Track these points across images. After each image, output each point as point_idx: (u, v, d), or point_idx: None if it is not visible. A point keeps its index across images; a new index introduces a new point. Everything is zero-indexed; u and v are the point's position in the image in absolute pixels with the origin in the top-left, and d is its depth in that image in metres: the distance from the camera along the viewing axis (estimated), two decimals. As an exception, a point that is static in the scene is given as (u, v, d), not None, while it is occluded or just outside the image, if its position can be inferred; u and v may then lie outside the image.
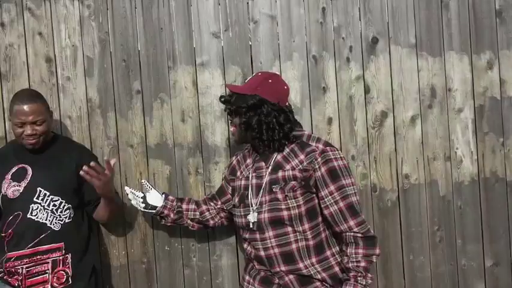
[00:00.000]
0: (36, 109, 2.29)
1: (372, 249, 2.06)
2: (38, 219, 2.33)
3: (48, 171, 2.37)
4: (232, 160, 2.40)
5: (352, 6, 2.68)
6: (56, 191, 2.35)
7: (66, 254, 2.37)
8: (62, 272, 2.34)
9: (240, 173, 2.29)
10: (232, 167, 2.37)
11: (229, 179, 2.36)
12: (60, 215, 2.37)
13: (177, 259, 2.73)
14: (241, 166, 2.30)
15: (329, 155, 2.09)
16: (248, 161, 2.27)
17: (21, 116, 2.26)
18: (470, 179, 2.72)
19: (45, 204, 2.34)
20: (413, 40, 2.68)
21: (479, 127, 2.71)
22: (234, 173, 2.33)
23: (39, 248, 2.33)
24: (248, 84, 2.17)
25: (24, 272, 2.32)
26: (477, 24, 2.69)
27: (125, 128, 2.69)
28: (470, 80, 2.70)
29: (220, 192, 2.45)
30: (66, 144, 2.50)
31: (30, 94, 2.38)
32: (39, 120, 2.30)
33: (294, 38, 2.67)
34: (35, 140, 2.31)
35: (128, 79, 2.68)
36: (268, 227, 2.13)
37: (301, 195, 2.10)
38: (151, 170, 2.71)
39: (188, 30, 2.68)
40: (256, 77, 2.18)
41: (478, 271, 2.74)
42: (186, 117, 2.69)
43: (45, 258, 2.34)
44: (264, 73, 2.25)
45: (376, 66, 2.69)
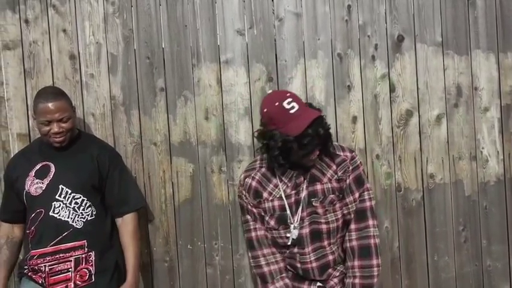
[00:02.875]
0: (61, 106, 2.39)
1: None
2: (60, 217, 2.41)
3: (70, 168, 2.45)
4: (248, 183, 2.32)
5: (377, 3, 2.76)
6: (78, 189, 2.44)
7: (89, 251, 2.45)
8: (85, 270, 2.43)
9: (268, 194, 2.25)
10: (254, 190, 2.30)
11: (254, 203, 2.31)
12: (82, 212, 2.45)
13: (199, 258, 2.84)
14: (267, 187, 2.27)
15: (356, 162, 2.29)
16: (274, 181, 2.25)
17: (47, 114, 2.36)
18: (496, 179, 2.79)
19: (67, 202, 2.42)
20: (439, 38, 2.75)
21: (505, 127, 2.79)
22: (258, 196, 2.29)
23: (61, 246, 2.41)
24: (303, 106, 2.12)
25: (47, 269, 2.40)
26: (504, 23, 2.77)
27: (148, 125, 2.79)
28: (497, 78, 2.77)
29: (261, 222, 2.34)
30: (89, 141, 2.59)
31: (53, 91, 2.48)
32: (65, 117, 2.40)
33: (319, 35, 2.75)
34: (63, 137, 2.41)
35: (152, 76, 2.77)
36: (308, 242, 2.22)
37: (340, 209, 2.25)
38: (174, 168, 2.80)
39: (212, 27, 2.77)
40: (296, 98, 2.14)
41: (503, 272, 2.83)
42: (210, 115, 2.76)
43: (68, 256, 2.42)
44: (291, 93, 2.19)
45: (402, 64, 2.76)
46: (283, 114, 2.04)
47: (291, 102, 2.06)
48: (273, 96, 2.16)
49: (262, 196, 2.25)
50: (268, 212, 2.23)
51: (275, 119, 2.06)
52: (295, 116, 2.03)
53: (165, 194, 2.81)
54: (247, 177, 2.32)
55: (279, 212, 2.21)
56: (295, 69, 2.76)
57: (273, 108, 2.06)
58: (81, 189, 2.44)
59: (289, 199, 2.20)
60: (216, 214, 2.80)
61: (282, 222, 2.20)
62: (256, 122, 2.75)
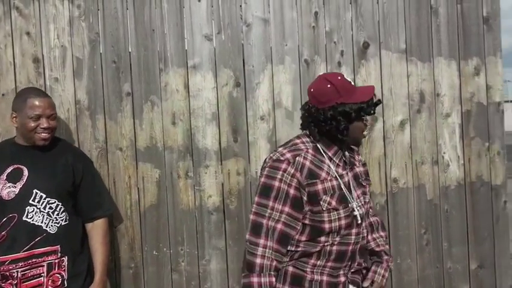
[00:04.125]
0: (51, 103, 2.48)
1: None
2: (34, 221, 2.42)
3: (44, 172, 2.46)
4: (300, 162, 2.11)
5: (344, 11, 2.83)
6: (53, 194, 2.45)
7: (62, 256, 2.46)
8: (58, 275, 2.44)
9: (326, 174, 2.13)
10: (309, 170, 2.11)
11: (306, 183, 2.10)
12: (56, 217, 2.46)
13: (165, 264, 2.87)
14: (323, 167, 2.14)
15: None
16: (326, 161, 2.16)
17: (38, 108, 2.40)
18: (457, 183, 2.92)
19: (41, 207, 2.43)
20: (403, 45, 2.85)
21: (466, 132, 2.93)
22: (314, 176, 2.11)
23: (34, 251, 2.41)
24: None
25: (19, 275, 2.40)
26: (465, 31, 2.90)
27: (114, 130, 2.81)
28: (458, 85, 2.90)
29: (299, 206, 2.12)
30: (63, 146, 2.60)
31: (40, 90, 2.55)
32: (53, 115, 2.46)
33: (287, 41, 2.81)
34: (49, 134, 2.45)
35: (118, 81, 2.79)
36: (365, 220, 2.28)
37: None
38: (140, 174, 2.83)
39: (180, 32, 2.80)
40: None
41: (463, 274, 2.98)
42: (177, 120, 2.79)
43: (41, 261, 2.43)
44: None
45: (367, 70, 2.85)
46: (348, 85, 2.10)
47: (348, 78, 2.15)
48: (332, 74, 2.18)
49: (320, 176, 2.11)
50: (328, 192, 2.11)
51: (342, 90, 2.08)
52: (357, 88, 2.13)
53: (130, 200, 2.83)
54: (297, 156, 2.11)
55: (338, 192, 2.13)
56: (263, 74, 2.83)
57: (338, 81, 2.10)
58: (56, 194, 2.45)
59: (342, 179, 2.18)
60: (182, 220, 2.84)
61: (343, 201, 2.13)
62: (224, 126, 2.81)
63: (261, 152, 2.84)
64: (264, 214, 2.07)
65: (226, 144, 2.84)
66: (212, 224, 2.85)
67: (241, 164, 2.84)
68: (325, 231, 2.11)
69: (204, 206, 2.85)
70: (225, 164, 2.84)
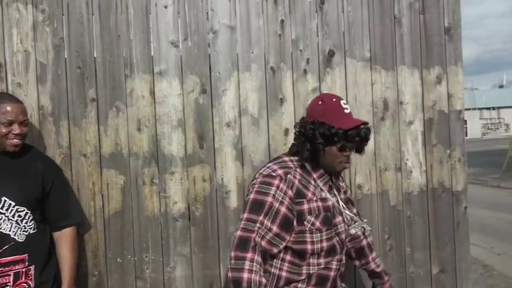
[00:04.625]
0: (24, 109, 2.44)
1: None
2: (2, 230, 2.38)
3: (14, 180, 2.43)
4: (291, 180, 2.11)
5: (309, 19, 2.88)
6: (22, 202, 2.42)
7: (29, 265, 2.43)
8: (24, 284, 2.41)
9: (312, 194, 2.14)
10: (297, 189, 2.11)
11: (295, 201, 2.10)
12: (25, 226, 2.43)
13: (129, 271, 2.86)
14: (309, 187, 2.15)
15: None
16: (313, 182, 2.17)
17: (11, 114, 2.37)
18: (419, 189, 2.99)
19: (9, 215, 2.39)
20: (367, 54, 2.91)
21: (428, 139, 3.01)
22: (301, 195, 2.11)
23: (1, 260, 2.37)
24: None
25: None
26: (427, 41, 2.98)
27: (78, 136, 2.80)
28: (420, 93, 2.98)
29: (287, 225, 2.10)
30: (32, 153, 2.56)
31: (13, 96, 2.52)
32: (25, 121, 2.43)
33: (253, 49, 2.84)
34: (21, 140, 2.42)
35: (83, 87, 2.78)
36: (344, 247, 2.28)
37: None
38: (104, 180, 2.82)
39: (146, 38, 2.81)
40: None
41: (425, 278, 3.06)
42: (142, 127, 2.79)
43: (7, 270, 2.38)
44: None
45: (332, 78, 2.90)
46: (338, 110, 2.11)
47: (346, 104, 2.15)
48: (331, 94, 2.23)
49: (307, 196, 2.12)
50: (313, 212, 2.11)
51: (330, 112, 2.10)
52: (348, 115, 2.13)
53: (94, 207, 2.81)
54: (288, 173, 2.12)
55: (323, 213, 2.13)
56: (229, 81, 2.85)
57: (330, 103, 2.12)
58: (25, 202, 2.42)
59: (327, 202, 2.18)
60: (147, 226, 2.84)
61: (327, 223, 2.13)
62: (190, 132, 2.82)
63: (227, 158, 2.86)
64: (253, 229, 2.01)
65: (192, 151, 2.85)
66: (177, 231, 2.85)
67: (206, 171, 2.85)
68: (308, 253, 2.11)
69: (169, 212, 2.85)
70: (191, 170, 2.85)
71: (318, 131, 2.08)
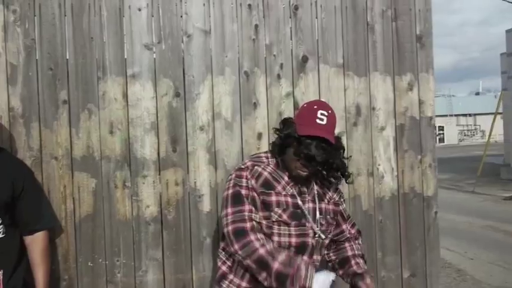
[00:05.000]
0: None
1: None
2: None
3: None
4: (258, 170, 2.19)
5: (284, 24, 2.90)
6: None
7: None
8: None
9: (282, 188, 2.18)
10: (265, 180, 2.18)
11: (260, 191, 2.16)
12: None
13: (100, 275, 2.84)
14: (280, 181, 2.20)
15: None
16: (286, 179, 2.21)
17: None
18: (391, 194, 3.02)
19: None
20: (340, 60, 2.94)
21: (399, 145, 3.04)
22: (270, 187, 2.17)
23: None
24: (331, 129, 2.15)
25: None
26: (399, 48, 3.02)
27: (49, 139, 2.77)
28: (392, 100, 3.01)
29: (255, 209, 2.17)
30: (3, 156, 2.48)
31: None
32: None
33: (227, 53, 2.85)
34: None
35: (55, 88, 2.76)
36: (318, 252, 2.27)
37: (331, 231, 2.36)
38: (76, 183, 2.79)
39: (120, 40, 2.80)
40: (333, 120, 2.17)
41: (396, 282, 3.08)
42: (115, 129, 2.78)
43: None
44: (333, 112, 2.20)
45: (306, 83, 2.91)
46: (312, 117, 2.10)
47: (324, 116, 2.11)
48: (319, 101, 2.28)
49: (275, 188, 2.17)
50: (281, 206, 2.15)
51: (302, 116, 2.15)
52: (318, 126, 2.09)
53: (65, 210, 2.78)
54: (256, 165, 2.21)
55: (292, 209, 2.17)
56: (203, 85, 2.85)
57: (309, 108, 2.15)
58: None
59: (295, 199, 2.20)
60: (118, 230, 2.82)
61: (296, 219, 2.16)
62: (163, 136, 2.81)
63: (200, 162, 2.85)
64: (244, 218, 2.11)
65: (165, 154, 2.83)
66: (149, 235, 2.83)
67: (179, 174, 2.84)
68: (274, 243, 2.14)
69: (142, 216, 2.83)
70: (164, 174, 2.83)
71: (284, 129, 2.15)
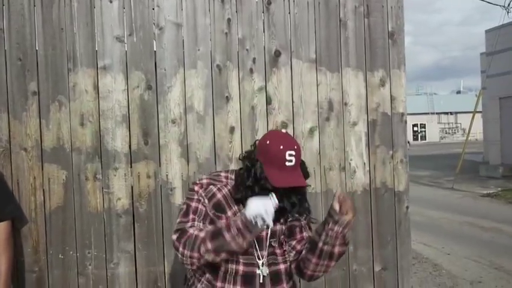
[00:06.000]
0: None
1: None
2: None
3: None
4: (212, 190, 2.09)
5: (256, 19, 2.88)
6: None
7: None
8: None
9: (232, 214, 2.06)
10: (217, 201, 2.08)
11: (212, 213, 2.07)
12: None
13: (71, 267, 2.80)
14: (232, 206, 2.08)
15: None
16: (239, 206, 2.07)
17: None
18: (363, 189, 3.01)
19: None
20: (313, 55, 2.91)
21: (371, 140, 3.03)
22: (221, 210, 2.07)
23: None
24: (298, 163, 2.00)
25: None
26: (372, 44, 3.01)
27: (18, 130, 2.72)
28: (364, 95, 2.99)
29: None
30: None
31: None
32: None
33: (199, 46, 2.82)
34: None
35: (24, 79, 2.70)
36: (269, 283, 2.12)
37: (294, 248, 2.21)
38: (46, 175, 2.75)
39: (90, 32, 2.75)
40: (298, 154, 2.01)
41: (368, 275, 3.07)
42: (86, 121, 2.74)
43: None
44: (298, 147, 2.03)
45: (278, 78, 2.89)
46: (279, 159, 1.95)
47: (292, 156, 1.96)
48: (282, 138, 2.04)
49: (227, 212, 2.06)
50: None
51: (269, 157, 1.96)
52: (286, 170, 1.95)
53: (35, 202, 2.73)
54: (211, 184, 2.10)
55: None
56: (175, 78, 2.81)
57: (275, 148, 1.96)
58: None
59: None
60: (89, 222, 2.78)
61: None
62: (134, 128, 2.77)
63: (172, 155, 2.81)
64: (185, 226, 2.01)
65: (137, 147, 2.79)
66: (121, 227, 2.79)
67: (151, 167, 2.80)
68: (221, 269, 2.06)
69: (113, 208, 2.78)
70: (135, 166, 2.79)
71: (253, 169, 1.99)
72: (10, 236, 2.48)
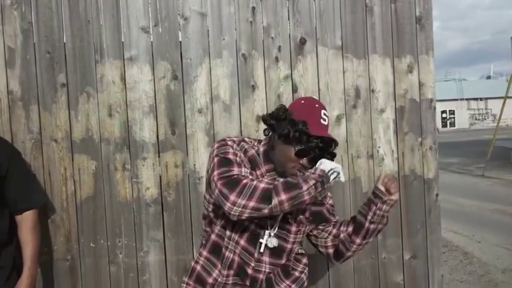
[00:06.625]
0: None
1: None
2: None
3: None
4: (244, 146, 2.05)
5: (281, 6, 2.84)
6: None
7: None
8: None
9: (259, 173, 2.04)
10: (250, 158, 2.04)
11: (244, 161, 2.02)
12: None
13: (102, 256, 2.83)
14: (260, 168, 2.05)
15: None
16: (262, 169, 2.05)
17: None
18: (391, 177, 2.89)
19: None
20: (339, 42, 2.86)
21: (399, 127, 2.96)
22: (252, 166, 2.04)
23: None
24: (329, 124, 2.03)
25: None
26: (399, 29, 2.93)
27: (48, 121, 2.75)
28: (392, 82, 2.92)
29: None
30: None
31: None
32: None
33: (224, 36, 2.79)
34: None
35: (53, 72, 2.72)
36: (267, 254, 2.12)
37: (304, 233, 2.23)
38: (76, 165, 2.78)
39: (116, 23, 2.75)
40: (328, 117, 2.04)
41: (397, 264, 3.03)
42: (114, 112, 2.75)
43: None
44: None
45: (304, 66, 2.84)
46: (316, 116, 1.96)
47: (326, 116, 2.00)
48: (315, 99, 2.10)
49: (257, 169, 2.03)
50: None
51: (307, 114, 1.95)
52: (323, 126, 1.98)
53: (66, 192, 2.77)
54: (242, 141, 2.05)
55: None
56: (200, 67, 2.79)
57: (311, 106, 1.99)
58: None
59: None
60: (119, 212, 2.80)
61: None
62: (161, 118, 2.78)
63: (199, 144, 2.81)
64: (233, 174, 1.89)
65: (164, 137, 2.80)
66: (150, 216, 2.81)
67: (179, 157, 2.81)
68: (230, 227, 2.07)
69: (142, 198, 2.80)
70: (163, 156, 2.80)
71: (286, 121, 1.95)
72: (37, 224, 2.50)
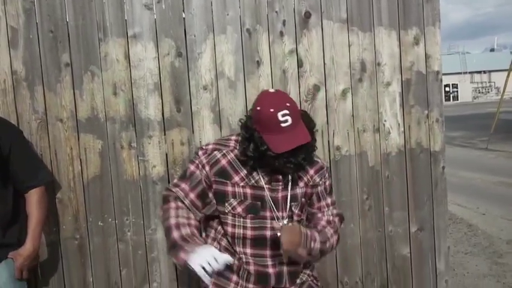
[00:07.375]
0: None
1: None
2: None
3: None
4: (216, 156, 2.07)
5: (285, -20, 2.74)
6: None
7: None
8: None
9: (240, 179, 2.04)
10: (221, 168, 2.05)
11: (213, 180, 2.06)
12: None
13: (110, 234, 2.84)
14: (240, 171, 2.05)
15: (327, 172, 2.24)
16: (247, 169, 2.05)
17: None
18: (397, 150, 2.94)
19: None
20: (344, 15, 2.82)
21: (406, 100, 2.94)
22: (224, 176, 2.05)
23: None
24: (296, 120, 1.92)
25: None
26: (405, 1, 2.89)
27: (53, 101, 2.73)
28: (398, 54, 2.90)
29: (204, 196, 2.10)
30: None
31: None
32: None
33: (228, 11, 2.76)
34: None
35: (56, 51, 2.70)
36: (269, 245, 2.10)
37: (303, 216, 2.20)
38: (82, 145, 2.78)
39: (119, 1, 2.73)
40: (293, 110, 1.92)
41: (404, 236, 3.03)
42: (118, 91, 2.73)
43: None
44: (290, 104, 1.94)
45: (309, 40, 2.81)
46: (273, 123, 1.88)
47: (286, 115, 1.88)
48: (272, 99, 1.94)
49: (232, 179, 2.04)
50: (238, 197, 2.04)
51: (263, 124, 1.90)
52: (284, 131, 1.88)
53: (73, 171, 2.76)
54: (216, 150, 2.07)
55: (250, 201, 2.04)
56: (205, 44, 2.76)
57: (266, 113, 1.89)
58: None
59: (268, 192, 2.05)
60: (126, 190, 2.80)
61: (252, 212, 2.04)
62: (166, 96, 2.75)
63: (205, 121, 2.79)
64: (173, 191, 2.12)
65: (170, 114, 2.78)
66: (157, 194, 2.80)
67: (184, 134, 2.79)
68: (229, 236, 2.09)
69: (149, 176, 2.80)
70: (169, 134, 2.79)
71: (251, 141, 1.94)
72: (43, 199, 2.49)
